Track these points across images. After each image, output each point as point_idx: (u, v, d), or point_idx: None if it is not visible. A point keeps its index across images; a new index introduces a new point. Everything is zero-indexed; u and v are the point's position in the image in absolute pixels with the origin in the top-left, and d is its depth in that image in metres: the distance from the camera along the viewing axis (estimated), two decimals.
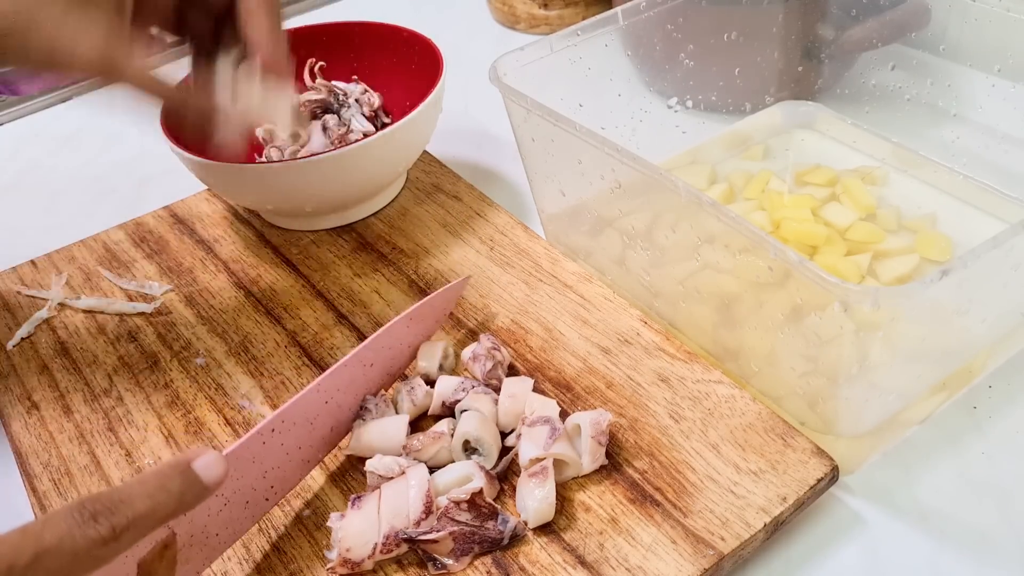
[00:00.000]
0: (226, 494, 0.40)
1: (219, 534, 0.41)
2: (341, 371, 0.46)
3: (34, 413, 0.52)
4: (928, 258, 0.56)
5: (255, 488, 0.42)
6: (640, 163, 0.46)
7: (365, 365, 0.47)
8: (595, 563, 0.41)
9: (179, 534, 0.38)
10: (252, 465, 0.42)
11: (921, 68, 0.62)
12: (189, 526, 0.39)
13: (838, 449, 0.45)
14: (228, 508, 0.41)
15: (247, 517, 0.43)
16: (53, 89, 0.90)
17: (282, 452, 0.43)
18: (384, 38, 0.68)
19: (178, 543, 0.38)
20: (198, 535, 0.40)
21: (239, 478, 0.41)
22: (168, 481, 0.34)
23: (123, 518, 0.32)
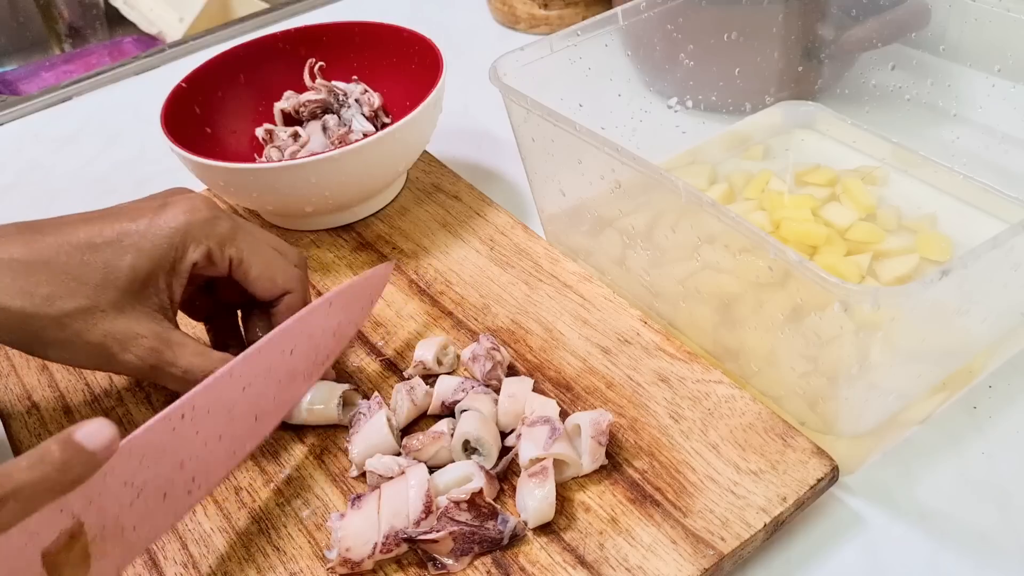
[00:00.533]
0: (136, 483, 0.38)
1: (136, 528, 0.39)
2: (255, 357, 0.43)
3: (34, 413, 0.52)
4: (928, 258, 0.56)
5: (172, 479, 0.40)
6: (640, 163, 0.46)
7: (283, 351, 0.45)
8: (595, 563, 0.41)
9: (89, 525, 0.36)
10: (164, 454, 0.39)
11: (921, 68, 0.62)
12: (99, 516, 0.37)
13: (838, 449, 0.45)
14: (142, 500, 0.39)
15: (167, 511, 0.41)
16: (53, 89, 0.90)
17: (199, 441, 0.41)
18: (384, 38, 0.68)
19: (88, 534, 0.36)
20: (111, 527, 0.38)
21: (149, 466, 0.39)
22: (47, 452, 0.33)
23: (2, 488, 0.31)
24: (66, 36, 1.24)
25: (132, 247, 0.44)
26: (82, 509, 0.35)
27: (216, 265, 0.47)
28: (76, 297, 0.43)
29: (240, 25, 0.98)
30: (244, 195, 0.60)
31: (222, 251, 0.47)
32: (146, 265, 0.45)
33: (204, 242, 0.46)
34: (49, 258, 0.43)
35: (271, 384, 0.45)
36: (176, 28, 1.13)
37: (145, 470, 0.39)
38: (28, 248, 0.43)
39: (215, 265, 0.47)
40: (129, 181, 0.77)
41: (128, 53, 1.12)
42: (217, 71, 0.67)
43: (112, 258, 0.44)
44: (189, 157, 0.57)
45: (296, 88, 0.69)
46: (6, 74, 1.14)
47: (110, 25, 1.25)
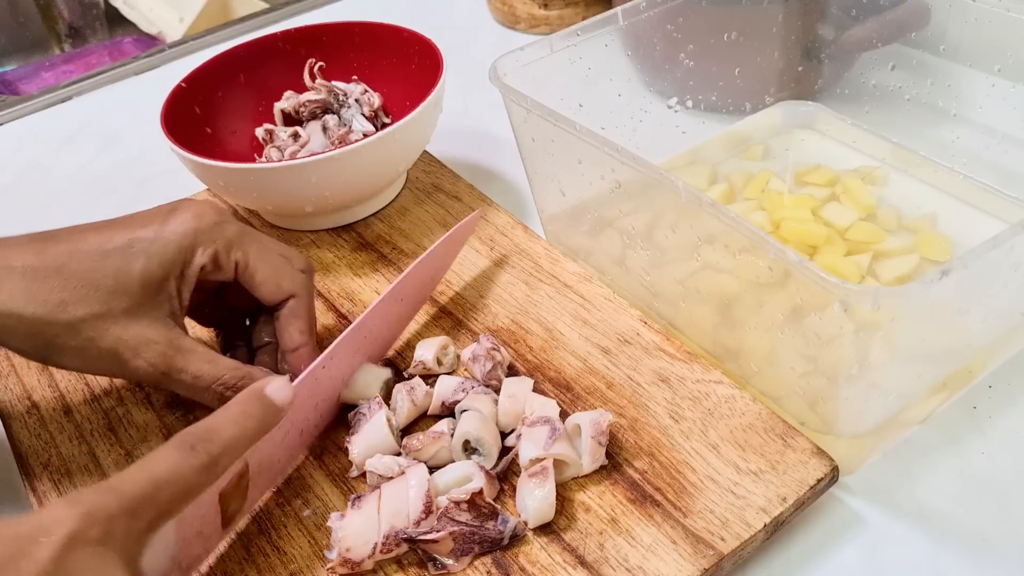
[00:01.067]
0: (286, 425, 0.43)
1: (280, 460, 0.44)
2: (377, 309, 0.49)
3: (34, 413, 0.52)
4: (928, 258, 0.56)
5: (308, 418, 0.46)
6: (640, 163, 0.46)
7: (397, 300, 0.51)
8: (595, 563, 0.41)
9: (251, 463, 0.41)
10: (308, 398, 0.45)
11: (921, 68, 0.62)
12: (259, 455, 0.42)
13: (838, 449, 0.45)
14: (289, 437, 0.44)
15: (301, 444, 0.47)
16: (53, 89, 0.90)
17: (329, 384, 0.47)
18: (384, 38, 0.68)
19: (250, 472, 0.41)
20: (264, 463, 0.43)
21: (297, 410, 0.44)
22: (248, 407, 0.38)
23: (217, 445, 0.36)
24: (66, 36, 1.24)
25: (143, 252, 0.45)
26: (250, 451, 0.40)
27: (222, 269, 0.48)
28: (89, 303, 0.44)
29: (240, 25, 0.98)
30: (244, 195, 0.60)
31: (228, 255, 0.47)
32: (157, 271, 0.45)
33: (211, 246, 0.47)
34: (61, 265, 0.44)
35: (385, 328, 0.51)
36: (176, 28, 1.13)
37: (294, 413, 0.44)
38: (40, 256, 0.44)
39: (221, 269, 0.47)
40: (129, 181, 0.77)
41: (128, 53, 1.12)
42: (217, 71, 0.67)
43: (123, 264, 0.45)
44: (189, 157, 0.57)
45: (296, 88, 0.69)
46: (6, 74, 1.14)
47: (110, 25, 1.25)
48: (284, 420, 0.41)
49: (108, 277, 0.44)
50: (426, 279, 0.54)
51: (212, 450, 0.36)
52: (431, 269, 0.54)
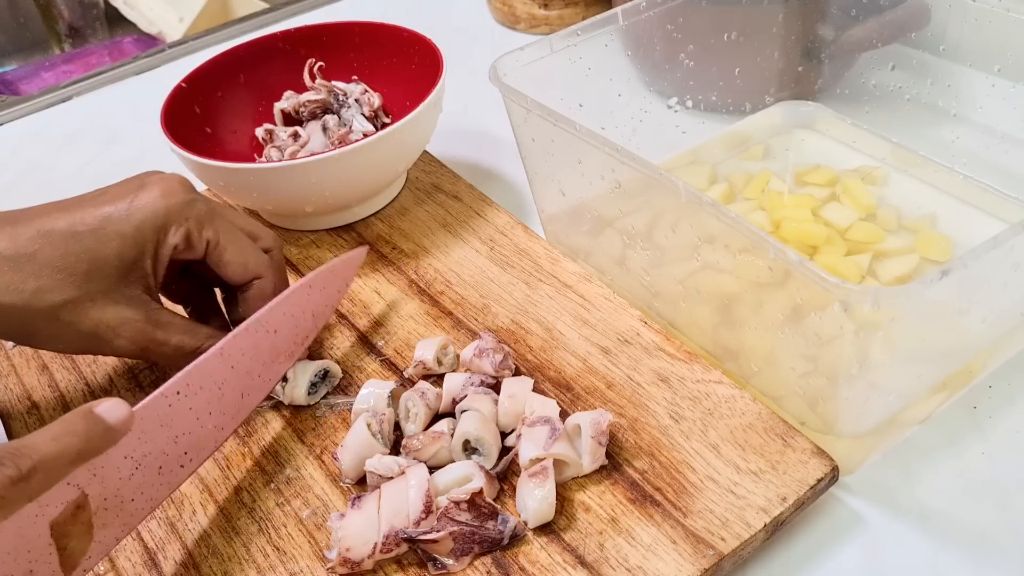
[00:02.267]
0: (135, 456, 0.40)
1: (135, 499, 0.41)
2: (242, 336, 0.45)
3: (34, 413, 0.52)
4: (928, 258, 0.56)
5: (167, 453, 0.42)
6: (640, 163, 0.46)
7: (268, 331, 0.47)
8: (595, 563, 0.41)
9: (92, 496, 0.38)
10: (160, 428, 0.41)
11: (921, 68, 0.62)
12: (101, 488, 0.39)
13: (838, 449, 0.45)
14: (141, 472, 0.41)
15: (162, 484, 0.42)
16: (53, 89, 0.90)
17: (192, 417, 0.43)
18: (384, 38, 0.68)
19: (91, 506, 0.38)
20: (112, 499, 0.39)
21: (147, 441, 0.41)
22: (71, 425, 0.35)
23: (28, 460, 0.32)
24: (66, 36, 1.24)
25: (115, 234, 0.45)
26: (86, 481, 0.37)
27: (194, 248, 0.47)
28: (64, 289, 0.44)
29: (240, 25, 0.98)
30: (244, 195, 0.60)
31: (200, 233, 0.47)
32: (130, 251, 0.45)
33: (183, 224, 0.46)
34: (33, 252, 0.43)
35: (257, 363, 0.46)
36: (176, 28, 1.13)
37: (144, 444, 0.40)
38: (12, 242, 0.44)
39: (193, 248, 0.47)
40: None
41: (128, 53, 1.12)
42: (217, 71, 0.67)
43: (96, 246, 0.44)
44: (189, 157, 0.57)
45: (296, 88, 0.69)
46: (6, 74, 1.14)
47: (110, 25, 1.25)
48: (134, 451, 0.39)
49: (82, 261, 0.44)
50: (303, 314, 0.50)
51: (22, 464, 0.32)
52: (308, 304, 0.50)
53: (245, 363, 0.46)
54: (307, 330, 0.50)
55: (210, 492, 0.47)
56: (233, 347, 0.45)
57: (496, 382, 0.49)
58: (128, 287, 0.45)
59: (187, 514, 0.46)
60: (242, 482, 0.47)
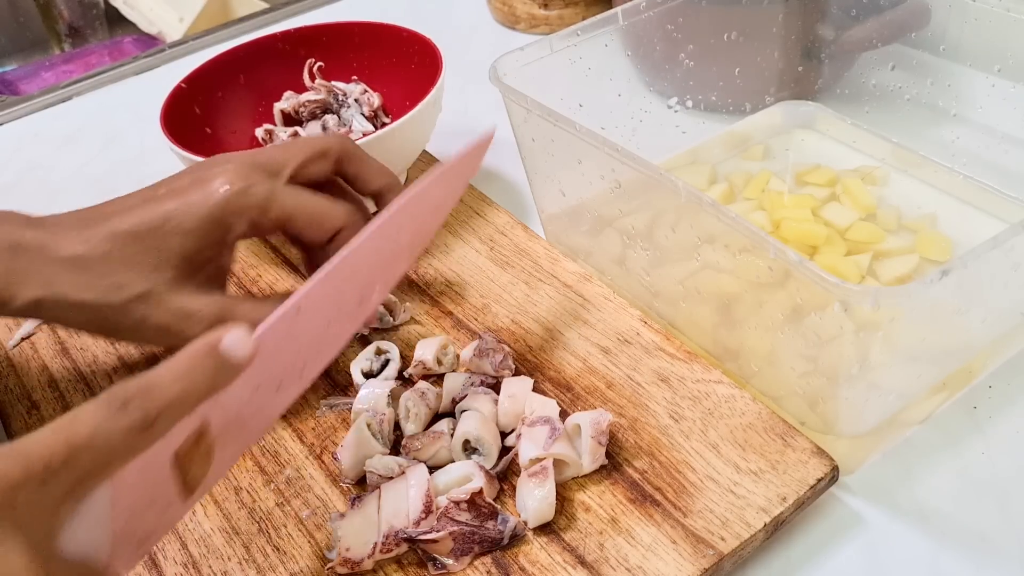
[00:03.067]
0: (256, 379, 0.38)
1: (253, 419, 0.40)
2: (366, 244, 0.43)
3: (34, 413, 0.52)
4: (928, 258, 0.56)
5: (287, 371, 0.41)
6: (640, 163, 0.46)
7: (390, 235, 0.45)
8: (595, 563, 0.41)
9: (214, 423, 0.37)
10: (281, 347, 0.40)
11: (921, 68, 0.62)
12: (223, 414, 0.37)
13: (838, 449, 0.45)
14: (260, 393, 0.39)
15: (279, 401, 0.41)
16: (53, 89, 0.90)
17: (312, 330, 0.41)
18: (384, 38, 0.68)
19: (212, 432, 0.37)
20: (232, 423, 0.38)
21: (268, 363, 0.39)
22: (197, 362, 0.33)
23: (155, 403, 0.31)
24: (66, 36, 1.24)
25: (177, 229, 0.46)
26: (208, 409, 0.35)
27: (263, 230, 0.48)
28: (134, 285, 0.45)
29: (240, 25, 0.98)
30: None
31: (267, 215, 0.47)
32: (193, 244, 0.46)
33: (246, 213, 0.47)
34: (106, 252, 0.45)
35: (377, 268, 0.45)
36: (176, 28, 1.13)
37: (264, 366, 0.39)
38: (86, 244, 0.46)
39: (263, 230, 0.48)
40: (129, 181, 0.76)
41: (128, 53, 1.12)
42: (217, 71, 0.67)
43: (159, 243, 0.46)
44: (189, 157, 0.57)
45: (296, 88, 0.69)
46: (6, 74, 1.14)
47: (110, 25, 1.25)
48: (255, 373, 0.37)
49: (148, 258, 0.46)
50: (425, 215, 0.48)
51: (148, 408, 0.31)
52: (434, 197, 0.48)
53: (364, 271, 0.44)
54: (429, 227, 0.49)
55: (210, 492, 0.47)
56: (355, 257, 0.42)
57: (496, 382, 0.49)
58: (194, 276, 0.47)
59: (187, 514, 0.46)
60: (242, 482, 0.47)
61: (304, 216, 0.48)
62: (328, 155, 0.50)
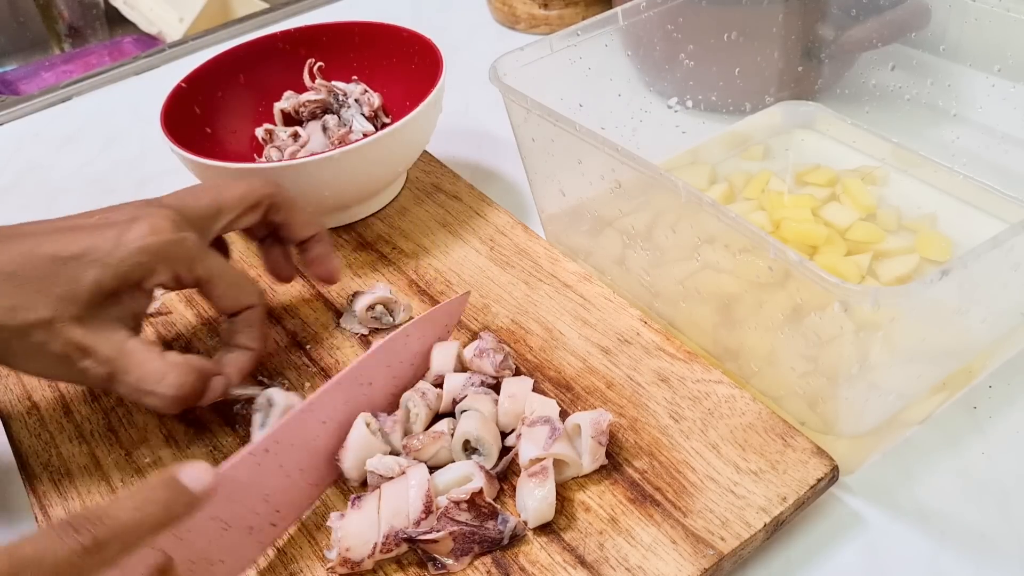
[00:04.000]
0: (223, 517, 0.39)
1: (224, 561, 0.40)
2: (334, 389, 0.44)
3: (34, 413, 0.52)
4: (928, 258, 0.56)
5: (258, 512, 0.41)
6: (640, 163, 0.46)
7: (363, 383, 0.46)
8: (595, 563, 0.41)
9: (178, 559, 0.37)
10: (249, 487, 0.41)
11: (921, 68, 0.62)
12: (188, 551, 0.38)
13: (838, 449, 0.45)
14: (230, 533, 0.40)
15: (253, 544, 0.42)
16: (53, 89, 0.90)
17: (282, 474, 0.42)
18: (384, 38, 0.68)
19: (177, 570, 0.37)
20: (200, 562, 0.39)
21: (236, 501, 0.40)
22: (152, 492, 0.34)
23: (105, 528, 0.32)
24: (66, 36, 1.24)
25: (98, 263, 0.45)
26: (172, 546, 0.36)
27: (183, 284, 0.48)
28: (38, 309, 0.44)
29: (240, 25, 0.98)
30: None
31: (190, 272, 0.47)
32: (110, 282, 0.45)
33: (172, 264, 0.46)
34: (15, 270, 0.44)
35: (352, 416, 0.45)
36: (176, 28, 1.13)
37: (232, 505, 0.39)
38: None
39: (182, 284, 0.48)
40: (129, 181, 0.77)
41: (128, 53, 1.12)
42: (217, 71, 0.67)
43: (75, 273, 0.44)
44: (189, 157, 0.57)
45: (296, 88, 0.69)
46: (6, 74, 1.14)
47: (110, 25, 1.25)
48: (221, 512, 0.38)
49: (59, 285, 0.44)
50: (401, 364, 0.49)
51: (99, 533, 0.31)
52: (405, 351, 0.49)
53: (338, 417, 0.44)
54: (405, 379, 0.49)
55: None
56: (324, 401, 0.44)
57: (496, 382, 0.49)
58: (101, 314, 0.45)
59: None
60: None
61: (222, 284, 0.48)
62: (259, 206, 0.51)
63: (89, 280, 0.44)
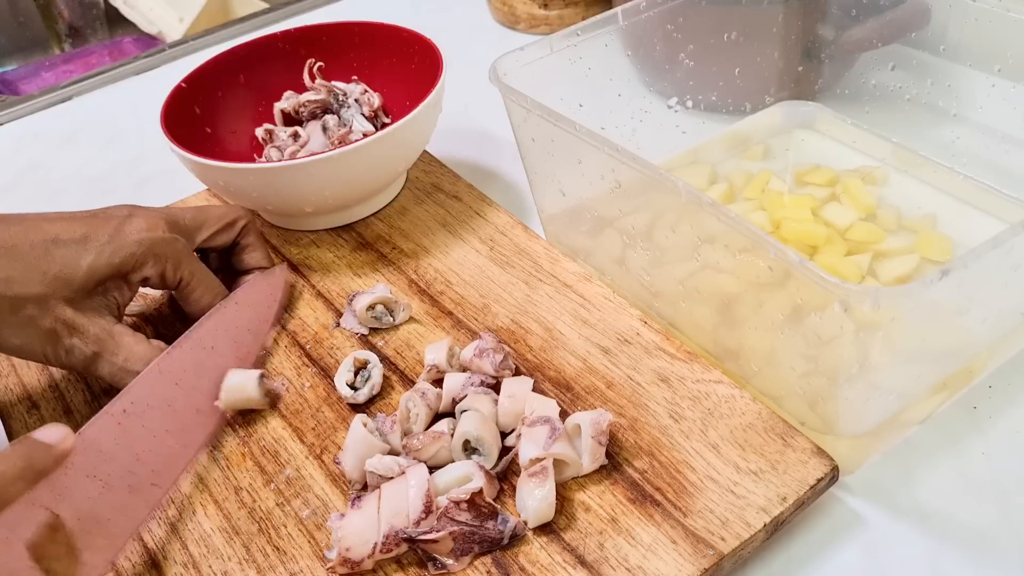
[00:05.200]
0: (99, 476, 0.42)
1: (111, 519, 0.42)
2: (177, 353, 0.48)
3: (34, 413, 0.52)
4: (928, 258, 0.56)
5: (133, 472, 0.44)
6: (640, 163, 0.46)
7: (205, 347, 0.50)
8: (595, 563, 0.41)
9: (65, 517, 0.40)
10: (116, 447, 0.44)
11: (921, 68, 0.62)
12: (72, 509, 0.40)
13: (838, 449, 0.45)
14: (110, 492, 0.42)
15: (140, 503, 0.44)
16: (53, 89, 0.90)
17: (148, 435, 0.45)
18: (384, 38, 0.68)
19: (67, 526, 0.40)
20: (87, 519, 0.41)
21: (107, 460, 0.43)
22: (13, 448, 0.38)
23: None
24: (66, 36, 1.24)
25: (94, 249, 0.48)
26: (53, 502, 0.39)
27: (167, 282, 0.51)
28: (32, 285, 0.47)
29: (240, 25, 0.98)
30: (244, 195, 0.59)
31: (176, 271, 0.51)
32: (103, 268, 0.48)
33: (161, 261, 0.50)
34: (14, 245, 0.47)
35: (203, 379, 0.49)
36: (176, 28, 1.13)
37: (104, 463, 0.42)
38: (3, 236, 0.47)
39: (166, 282, 0.51)
40: (129, 181, 0.77)
41: (128, 53, 1.12)
42: (217, 71, 0.67)
43: (72, 255, 0.48)
44: (189, 157, 0.57)
45: (296, 88, 0.69)
46: (6, 74, 1.14)
47: (110, 25, 1.25)
48: (95, 470, 0.42)
49: (55, 264, 0.47)
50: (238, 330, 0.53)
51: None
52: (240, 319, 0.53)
53: (189, 379, 0.48)
54: (248, 345, 0.53)
55: (210, 492, 0.47)
56: (170, 364, 0.47)
57: (496, 382, 0.49)
58: (91, 299, 0.49)
59: (187, 514, 0.46)
60: (242, 482, 0.47)
61: (201, 288, 0.53)
62: (236, 225, 0.56)
63: (85, 264, 0.48)
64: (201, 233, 0.54)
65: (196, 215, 0.54)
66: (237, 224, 0.56)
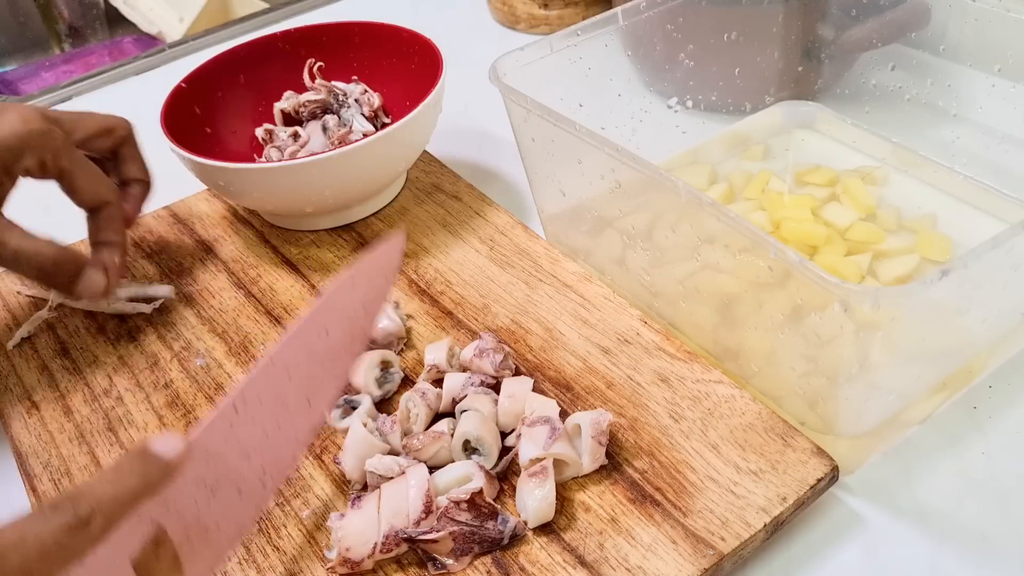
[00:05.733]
0: (208, 481, 0.39)
1: (220, 526, 0.40)
2: (292, 342, 0.44)
3: (34, 413, 0.52)
4: (928, 258, 0.56)
5: (243, 473, 0.41)
6: (640, 163, 0.46)
7: (319, 333, 0.45)
8: (595, 563, 0.41)
9: (171, 529, 0.37)
10: (228, 449, 0.40)
11: (921, 68, 0.62)
12: (179, 520, 0.38)
13: (838, 449, 0.45)
14: (219, 498, 0.40)
15: (246, 505, 0.41)
16: (53, 89, 0.90)
17: (259, 431, 0.42)
18: (384, 38, 0.68)
19: (172, 539, 0.37)
20: (194, 529, 0.39)
21: (217, 463, 0.40)
22: (127, 464, 0.35)
23: (86, 504, 0.32)
24: (66, 36, 1.24)
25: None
26: (161, 514, 0.36)
27: (47, 173, 0.51)
28: None
29: (240, 25, 0.98)
30: (244, 195, 0.60)
31: (56, 162, 0.50)
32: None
33: (39, 152, 0.50)
34: None
35: (316, 366, 0.45)
36: (176, 28, 1.13)
37: (214, 467, 0.39)
38: None
39: (46, 173, 0.51)
40: None
41: (128, 53, 1.12)
42: (217, 71, 0.67)
43: None
44: (189, 157, 0.57)
45: (296, 88, 0.69)
46: (6, 74, 1.14)
47: (110, 25, 1.25)
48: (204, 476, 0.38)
49: None
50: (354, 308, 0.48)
51: (80, 509, 0.32)
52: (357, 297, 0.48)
53: (302, 368, 0.44)
54: (362, 324, 0.48)
55: None
56: (284, 355, 0.43)
57: (496, 382, 0.49)
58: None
59: None
60: None
61: (83, 177, 0.52)
62: (113, 134, 0.55)
63: None
64: (77, 133, 0.53)
65: (75, 117, 0.54)
66: (116, 132, 0.55)
